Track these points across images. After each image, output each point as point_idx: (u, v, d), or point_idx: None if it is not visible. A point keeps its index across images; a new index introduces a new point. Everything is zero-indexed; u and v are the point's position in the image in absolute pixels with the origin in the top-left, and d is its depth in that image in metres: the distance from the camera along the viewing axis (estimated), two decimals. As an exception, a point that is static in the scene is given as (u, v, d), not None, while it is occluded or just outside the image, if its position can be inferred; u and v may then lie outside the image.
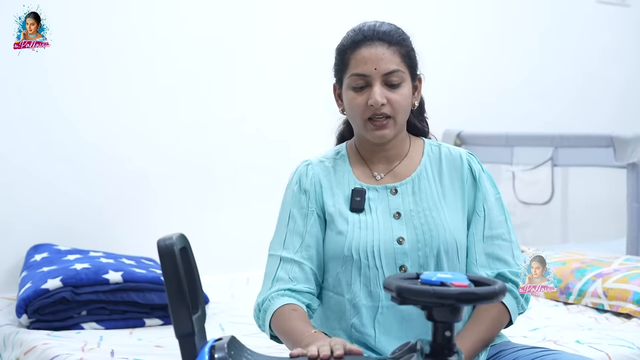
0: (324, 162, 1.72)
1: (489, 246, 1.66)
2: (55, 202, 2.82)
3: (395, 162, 1.70)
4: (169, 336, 2.13)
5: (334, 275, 1.65)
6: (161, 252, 1.25)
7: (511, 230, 1.70)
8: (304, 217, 1.67)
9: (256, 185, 3.24)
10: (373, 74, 1.60)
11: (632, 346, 2.04)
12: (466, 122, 3.59)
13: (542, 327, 2.25)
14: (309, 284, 1.64)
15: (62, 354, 1.95)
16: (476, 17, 3.89)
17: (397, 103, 1.61)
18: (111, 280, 2.28)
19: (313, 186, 1.69)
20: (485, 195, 1.68)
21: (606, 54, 4.24)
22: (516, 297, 1.64)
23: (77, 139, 2.88)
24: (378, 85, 1.60)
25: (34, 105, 2.81)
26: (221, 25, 3.18)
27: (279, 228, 1.70)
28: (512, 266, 1.66)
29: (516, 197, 3.45)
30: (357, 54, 1.62)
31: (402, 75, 1.62)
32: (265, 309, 1.62)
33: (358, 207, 1.65)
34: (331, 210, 1.66)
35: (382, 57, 1.60)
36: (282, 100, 3.32)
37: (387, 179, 1.69)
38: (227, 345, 1.27)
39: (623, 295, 2.38)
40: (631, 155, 2.87)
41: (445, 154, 1.71)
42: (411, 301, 1.24)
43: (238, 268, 3.12)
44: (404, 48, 1.64)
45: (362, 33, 1.64)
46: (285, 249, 1.65)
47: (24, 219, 2.77)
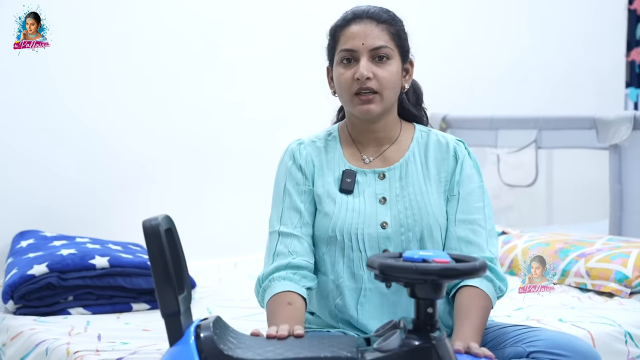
0: (315, 142, 1.74)
1: (462, 230, 1.66)
2: (44, 186, 2.83)
3: (385, 145, 1.71)
4: (156, 320, 2.14)
5: (320, 255, 1.68)
6: (147, 232, 1.26)
7: (488, 218, 1.70)
8: (300, 194, 1.69)
9: (244, 172, 3.25)
10: (360, 48, 1.63)
11: (614, 323, 2.08)
12: (452, 106, 3.61)
13: (526, 307, 2.28)
14: (307, 257, 1.65)
15: (49, 338, 1.96)
16: (462, 2, 3.90)
17: (383, 79, 1.63)
18: (97, 265, 2.29)
19: (307, 165, 1.71)
20: (463, 179, 1.68)
21: (589, 39, 4.27)
22: (491, 280, 1.63)
23: (67, 124, 2.88)
24: (365, 60, 1.62)
25: (22, 88, 2.80)
26: (220, 9, 3.18)
27: (275, 204, 1.71)
28: (485, 252, 1.66)
29: (501, 179, 3.47)
30: (346, 30, 1.66)
31: (389, 51, 1.64)
32: (266, 288, 1.63)
33: (347, 189, 1.67)
34: (320, 192, 1.68)
35: (369, 33, 1.63)
36: (276, 87, 3.33)
37: (376, 162, 1.70)
38: (213, 324, 1.29)
39: (605, 274, 2.41)
40: (613, 137, 2.90)
41: (434, 141, 1.72)
42: (393, 278, 1.26)
43: (226, 253, 3.14)
44: (393, 27, 1.66)
45: (352, 12, 1.68)
46: (284, 224, 1.67)
47: (10, 205, 2.76)
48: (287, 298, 1.58)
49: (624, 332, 2.06)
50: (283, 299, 1.58)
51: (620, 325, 2.07)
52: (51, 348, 1.91)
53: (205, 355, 1.24)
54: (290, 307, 1.57)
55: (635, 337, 2.08)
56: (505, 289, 1.67)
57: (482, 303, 1.59)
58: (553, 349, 1.51)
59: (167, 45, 3.10)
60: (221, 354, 1.24)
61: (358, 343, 1.31)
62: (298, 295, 1.60)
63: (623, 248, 2.51)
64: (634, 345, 2.07)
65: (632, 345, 2.07)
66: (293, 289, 1.60)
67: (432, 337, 1.25)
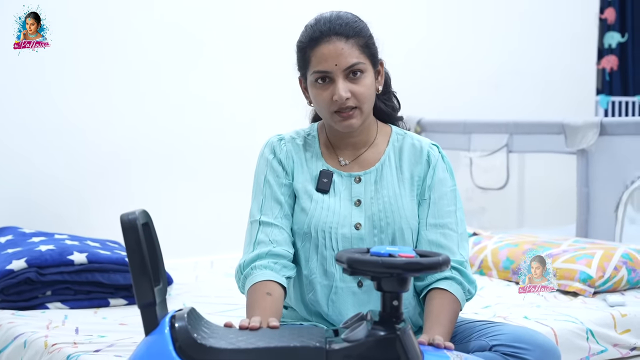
0: (295, 139, 1.77)
1: (433, 234, 1.71)
2: (23, 182, 2.85)
3: (362, 149, 1.75)
4: (132, 315, 2.19)
5: (296, 250, 1.72)
6: (124, 225, 1.31)
7: (460, 222, 1.73)
8: (280, 186, 1.72)
9: (223, 171, 3.30)
10: (334, 70, 1.64)
11: (576, 321, 2.15)
12: (426, 110, 3.69)
13: (494, 305, 2.35)
14: (287, 247, 1.69)
15: (27, 331, 2.00)
16: (435, 8, 3.98)
17: (361, 95, 1.65)
18: (76, 261, 2.32)
19: (287, 160, 1.74)
20: (435, 183, 1.72)
21: (561, 47, 4.37)
22: (460, 283, 1.68)
23: (47, 121, 2.91)
24: (341, 81, 1.63)
25: (3, 85, 2.82)
26: (201, 9, 3.23)
27: (256, 195, 1.74)
28: (456, 255, 1.70)
29: (473, 182, 3.55)
30: (316, 51, 1.65)
31: (363, 66, 1.65)
32: (247, 275, 1.66)
33: (324, 188, 1.71)
34: (298, 187, 1.72)
35: (341, 53, 1.63)
36: (256, 88, 3.38)
37: (352, 166, 1.74)
38: (187, 315, 1.34)
39: (570, 274, 2.49)
40: (581, 142, 2.99)
41: (409, 144, 1.76)
42: (361, 272, 1.32)
43: (202, 252, 3.18)
44: (361, 39, 1.66)
45: (318, 29, 1.65)
46: (264, 214, 1.70)
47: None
48: (266, 288, 1.61)
49: (585, 330, 2.13)
50: (262, 289, 1.61)
51: (583, 323, 2.15)
52: (29, 340, 1.95)
53: (179, 345, 1.29)
54: (269, 298, 1.60)
55: (596, 334, 2.15)
56: (474, 292, 1.72)
57: (452, 307, 1.64)
58: (514, 343, 1.57)
59: (152, 44, 3.15)
60: (195, 343, 1.29)
61: (327, 334, 1.37)
62: (278, 284, 1.63)
63: (588, 249, 2.59)
64: (595, 342, 2.15)
65: (593, 342, 2.14)
66: (273, 278, 1.63)
67: (397, 328, 1.31)
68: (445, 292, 1.65)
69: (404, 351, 1.30)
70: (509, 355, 1.56)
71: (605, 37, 4.56)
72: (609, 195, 2.97)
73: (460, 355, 1.43)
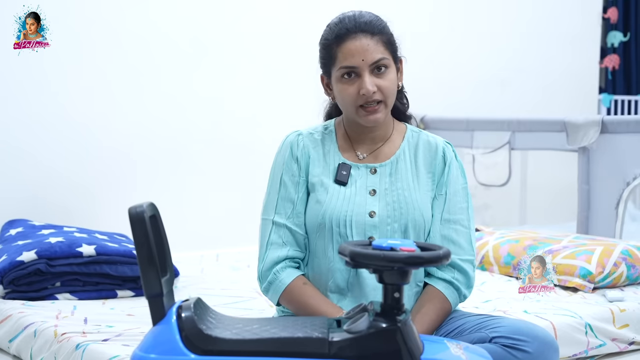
0: (313, 134, 1.83)
1: (446, 229, 1.78)
2: (33, 177, 2.90)
3: (378, 143, 1.82)
4: (140, 306, 2.23)
5: (312, 241, 1.78)
6: (132, 218, 1.35)
7: (471, 219, 1.82)
8: (295, 185, 1.79)
9: (229, 167, 3.33)
10: (361, 65, 1.71)
11: (575, 315, 2.18)
12: (429, 107, 3.72)
13: (494, 299, 2.38)
14: (299, 248, 1.78)
15: (37, 321, 2.04)
16: (439, 6, 4.01)
17: (386, 88, 1.72)
18: (84, 253, 2.36)
19: (303, 156, 1.80)
20: (450, 180, 1.80)
21: (565, 45, 4.39)
22: (457, 288, 1.76)
23: (56, 117, 2.95)
24: (367, 75, 1.71)
25: (11, 82, 2.86)
26: (205, 7, 3.26)
27: (271, 193, 1.81)
28: (467, 251, 1.78)
29: (476, 179, 3.58)
30: (343, 47, 1.72)
31: (387, 62, 1.73)
32: (271, 281, 1.75)
33: (342, 180, 1.77)
34: (314, 180, 1.78)
35: (367, 48, 1.70)
36: (261, 85, 3.41)
37: (369, 158, 1.81)
38: (194, 305, 1.38)
39: (570, 270, 2.52)
40: (582, 140, 3.01)
41: (424, 141, 1.83)
42: (363, 265, 1.35)
43: (208, 245, 3.22)
44: (385, 36, 1.74)
45: (344, 26, 1.73)
46: (278, 214, 1.78)
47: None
48: (299, 283, 1.73)
49: (584, 324, 2.17)
50: (296, 286, 1.73)
51: (582, 317, 2.18)
52: (39, 330, 1.99)
53: (185, 334, 1.33)
54: (307, 287, 1.73)
55: (595, 329, 2.18)
56: (469, 295, 1.80)
57: (441, 306, 1.74)
58: (514, 335, 1.62)
59: (158, 43, 3.19)
60: (201, 333, 1.33)
61: (329, 324, 1.41)
62: (303, 276, 1.76)
63: (588, 245, 2.62)
64: (594, 336, 2.18)
65: (592, 336, 2.18)
66: (298, 274, 1.75)
67: (398, 320, 1.34)
68: (440, 294, 1.74)
69: (405, 342, 1.34)
70: (508, 347, 1.61)
71: (608, 36, 4.58)
72: (609, 193, 3.00)
73: (460, 344, 1.46)
